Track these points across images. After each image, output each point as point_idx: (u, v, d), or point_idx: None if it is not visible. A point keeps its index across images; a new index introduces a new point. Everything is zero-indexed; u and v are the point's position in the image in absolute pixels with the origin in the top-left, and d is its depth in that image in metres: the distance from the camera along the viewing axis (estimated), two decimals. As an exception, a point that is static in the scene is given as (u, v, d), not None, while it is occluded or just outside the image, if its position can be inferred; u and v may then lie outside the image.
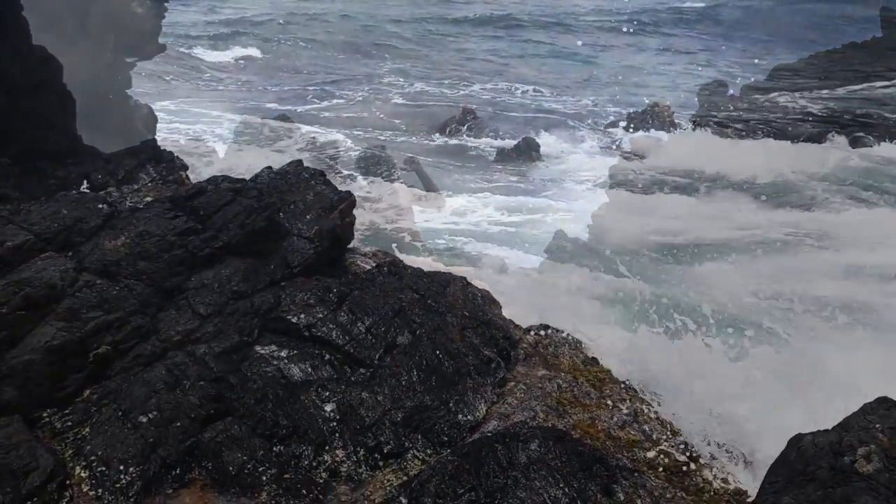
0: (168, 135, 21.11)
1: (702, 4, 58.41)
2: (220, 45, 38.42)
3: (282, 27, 44.13)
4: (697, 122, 25.67)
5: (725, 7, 58.20)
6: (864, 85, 33.98)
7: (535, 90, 32.83)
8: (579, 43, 46.38)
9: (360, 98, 29.71)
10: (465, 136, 23.88)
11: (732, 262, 14.03)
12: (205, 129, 22.88)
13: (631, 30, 52.04)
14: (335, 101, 28.89)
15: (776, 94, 32.42)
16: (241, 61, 36.48)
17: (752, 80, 35.67)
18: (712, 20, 54.28)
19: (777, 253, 14.80)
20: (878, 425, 5.14)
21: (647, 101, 26.71)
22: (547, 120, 26.69)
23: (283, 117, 24.94)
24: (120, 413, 6.88)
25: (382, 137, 23.51)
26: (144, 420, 6.78)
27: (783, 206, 18.05)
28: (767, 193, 18.95)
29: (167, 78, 30.98)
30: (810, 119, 27.53)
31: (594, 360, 9.17)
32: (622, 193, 18.97)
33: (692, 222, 16.06)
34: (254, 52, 38.36)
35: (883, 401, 5.54)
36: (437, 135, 24.44)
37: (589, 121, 27.01)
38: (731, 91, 33.33)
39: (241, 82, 32.03)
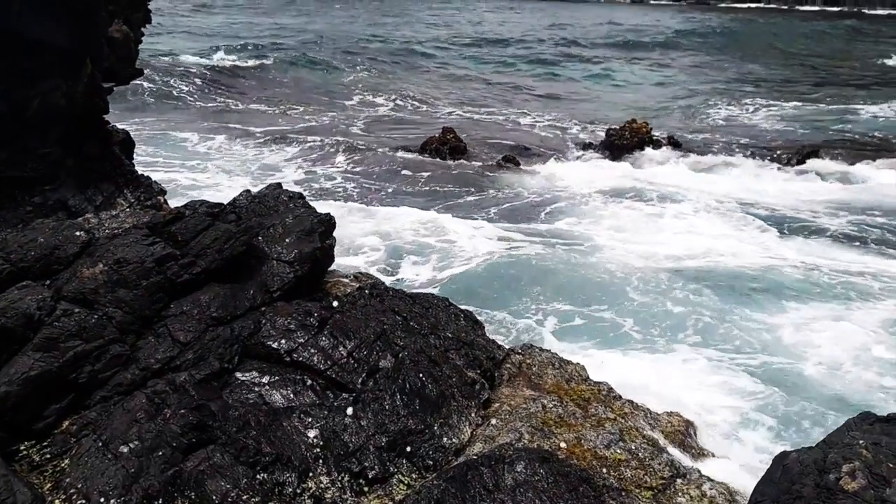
0: (148, 158, 21.03)
1: (712, 23, 59.13)
2: (206, 59, 38.49)
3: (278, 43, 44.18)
4: (677, 141, 25.85)
5: (719, 27, 58.93)
6: (856, 104, 34.32)
7: (516, 109, 33.01)
8: (566, 63, 46.69)
9: (341, 115, 29.76)
10: (446, 154, 23.94)
11: (797, 307, 11.82)
12: (187, 149, 22.82)
13: (620, 49, 52.45)
14: (316, 120, 28.89)
15: (764, 112, 32.66)
16: (232, 73, 36.49)
17: (741, 98, 35.91)
18: (706, 39, 54.87)
19: (844, 297, 12.14)
20: (861, 441, 5.15)
21: (627, 119, 26.86)
22: (527, 139, 26.83)
23: (269, 134, 25.11)
24: (100, 443, 6.77)
25: (365, 153, 23.52)
26: (125, 450, 6.67)
27: (799, 236, 16.68)
28: (770, 219, 17.93)
29: (145, 96, 30.94)
30: (797, 138, 27.65)
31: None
32: (614, 209, 18.29)
33: (713, 247, 14.62)
34: (245, 63, 38.38)
35: (865, 416, 5.55)
36: (418, 154, 24.48)
37: (569, 139, 27.16)
38: (718, 109, 33.53)
39: (218, 101, 32.00)
